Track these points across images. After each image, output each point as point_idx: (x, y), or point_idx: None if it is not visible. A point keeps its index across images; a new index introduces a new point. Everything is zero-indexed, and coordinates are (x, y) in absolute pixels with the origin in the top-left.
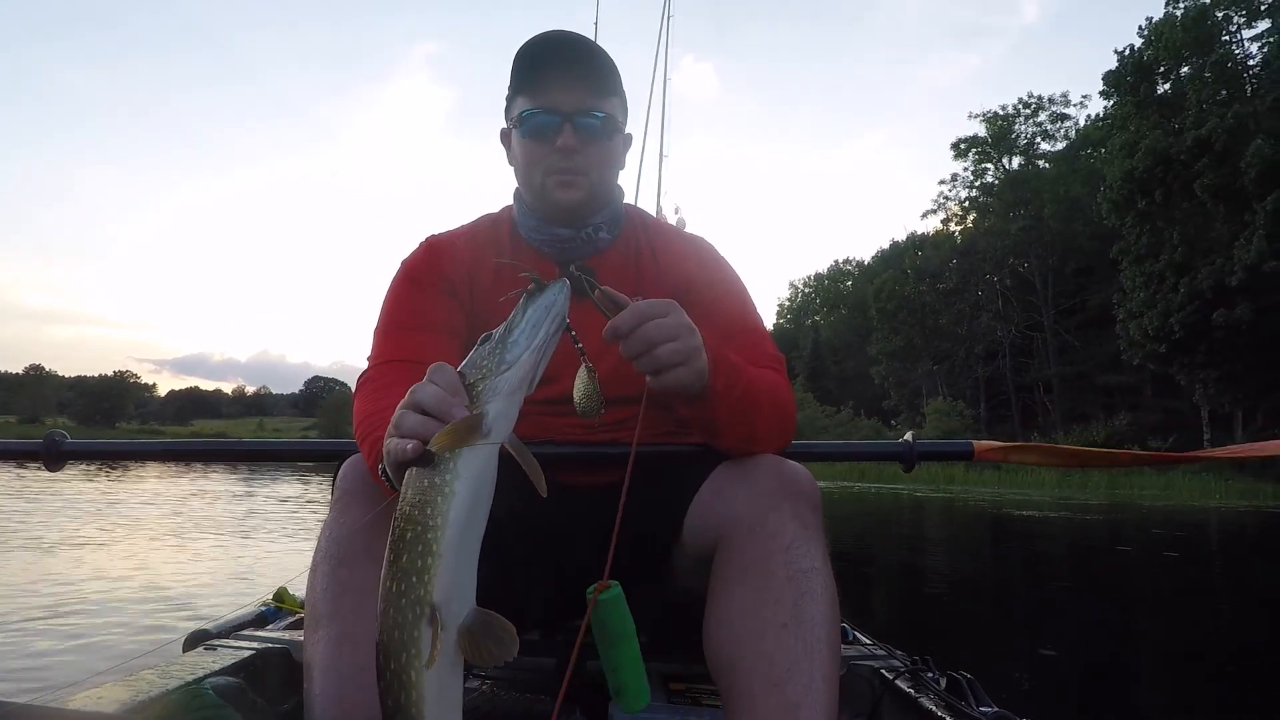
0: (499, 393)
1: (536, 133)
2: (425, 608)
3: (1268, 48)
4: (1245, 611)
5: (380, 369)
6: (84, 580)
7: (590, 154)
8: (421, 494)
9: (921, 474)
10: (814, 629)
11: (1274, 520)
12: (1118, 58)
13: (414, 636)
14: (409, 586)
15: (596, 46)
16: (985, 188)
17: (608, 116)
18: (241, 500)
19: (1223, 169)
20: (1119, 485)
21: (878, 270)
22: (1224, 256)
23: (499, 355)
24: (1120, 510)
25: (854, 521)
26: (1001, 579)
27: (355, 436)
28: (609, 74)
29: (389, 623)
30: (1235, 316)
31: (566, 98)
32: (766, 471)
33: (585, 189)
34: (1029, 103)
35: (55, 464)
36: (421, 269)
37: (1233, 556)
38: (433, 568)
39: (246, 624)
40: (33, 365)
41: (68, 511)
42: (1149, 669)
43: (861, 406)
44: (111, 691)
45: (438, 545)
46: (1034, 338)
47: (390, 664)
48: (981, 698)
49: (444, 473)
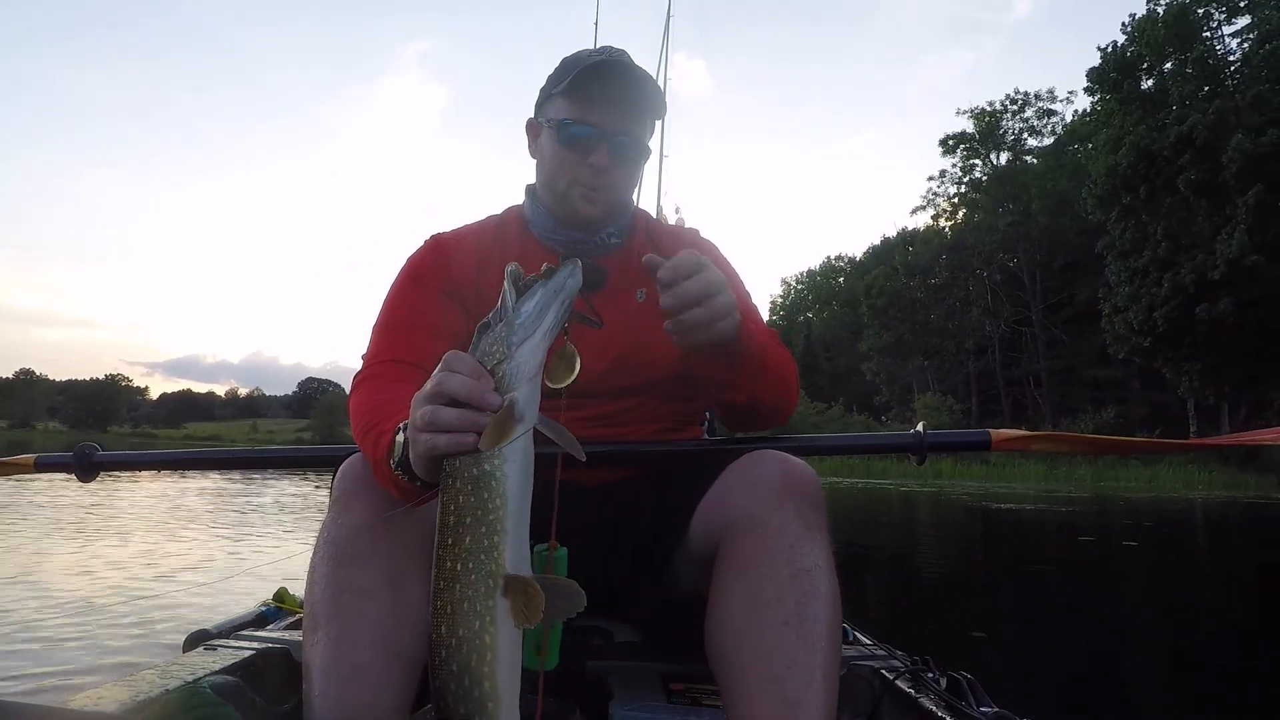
0: (522, 377)
1: (572, 143)
2: (499, 579)
3: (1248, 44)
4: (1238, 604)
5: (381, 367)
6: (84, 580)
7: (618, 174)
8: (474, 482)
9: (908, 468)
10: (815, 627)
11: (1255, 511)
12: (1101, 54)
13: (489, 606)
14: (477, 564)
15: (647, 74)
16: (974, 184)
17: (640, 141)
18: (241, 500)
19: (1205, 164)
20: (1104, 478)
21: (869, 266)
22: (1206, 251)
23: (508, 339)
24: (1106, 502)
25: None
26: (995, 575)
27: (354, 431)
28: (653, 101)
29: (456, 597)
30: (1218, 310)
31: (608, 117)
32: (771, 471)
33: (607, 205)
34: (1016, 99)
35: (88, 475)
36: (426, 268)
37: (1222, 549)
38: (500, 544)
39: (246, 624)
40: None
41: (67, 512)
42: (1148, 668)
43: (853, 402)
44: (111, 691)
45: (502, 524)
46: (1023, 332)
47: (459, 630)
48: (982, 698)
49: (493, 460)
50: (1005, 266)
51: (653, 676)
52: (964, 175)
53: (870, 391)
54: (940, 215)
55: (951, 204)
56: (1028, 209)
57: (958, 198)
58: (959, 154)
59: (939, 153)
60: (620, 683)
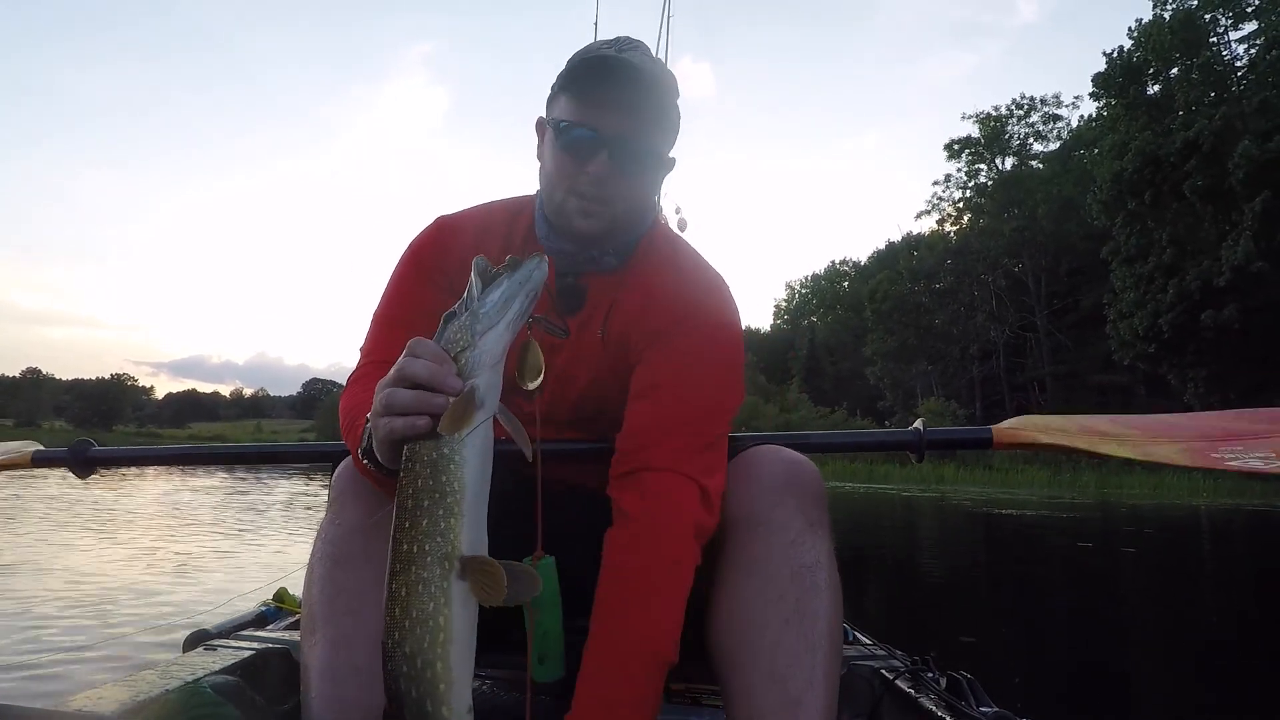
0: (484, 365)
1: (571, 147)
2: (453, 561)
3: (1254, 49)
4: (1239, 608)
5: (371, 367)
6: (83, 581)
7: (621, 185)
8: (433, 466)
9: (911, 473)
10: (816, 624)
11: (1261, 518)
12: (1107, 60)
13: (443, 588)
14: (434, 546)
15: (660, 72)
16: (979, 188)
17: (650, 149)
18: (242, 500)
19: (1211, 170)
20: (1108, 484)
21: (873, 271)
22: (1212, 257)
23: (472, 327)
24: (1110, 508)
25: (842, 521)
26: (997, 577)
27: (341, 430)
28: (665, 104)
29: (412, 579)
30: (1223, 317)
31: (611, 120)
32: (772, 467)
33: (606, 221)
34: (1021, 103)
35: (84, 471)
36: (426, 251)
37: (1225, 555)
38: (456, 527)
39: (246, 624)
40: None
41: (67, 513)
42: (1148, 668)
43: (857, 407)
44: (111, 691)
45: (459, 507)
46: (1027, 338)
47: (412, 612)
48: (981, 698)
49: (452, 444)
50: (1010, 271)
51: None
52: (969, 180)
53: (874, 396)
54: (945, 220)
55: (956, 209)
56: (1033, 214)
57: (963, 202)
58: (964, 158)
59: (944, 157)
60: None
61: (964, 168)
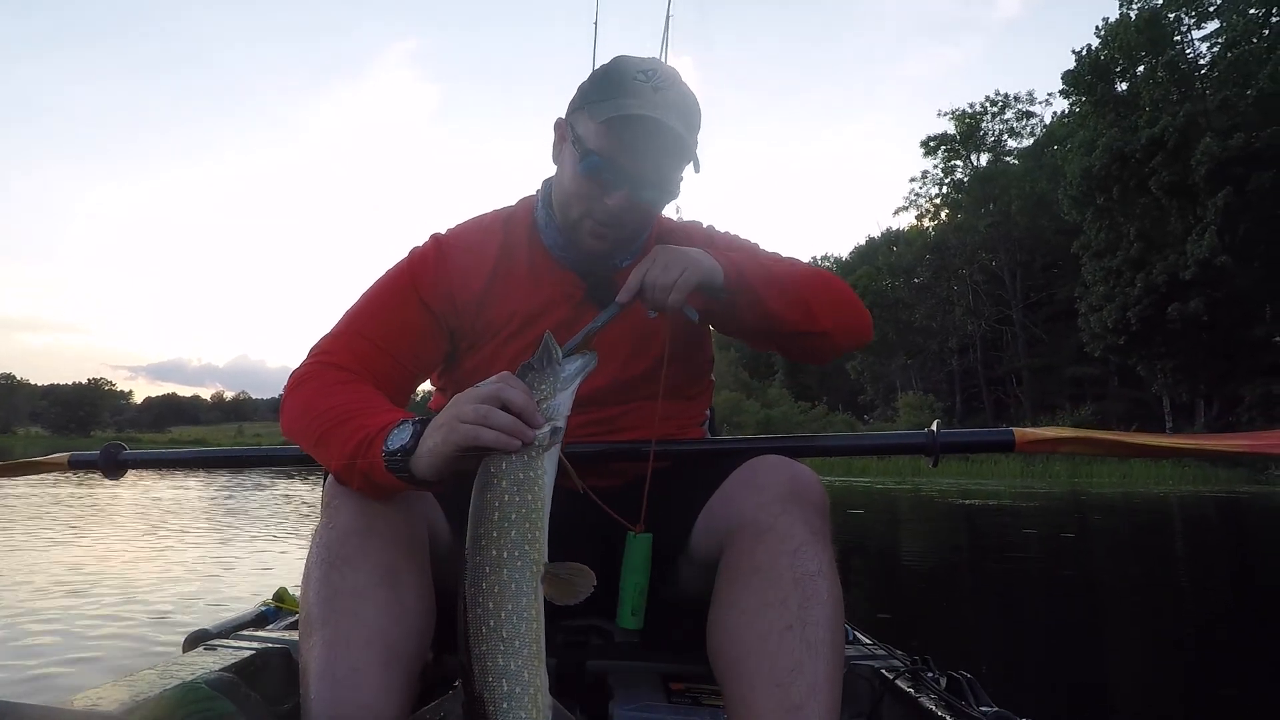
0: (560, 414)
1: (594, 176)
2: (539, 567)
3: (1216, 48)
4: (1239, 608)
5: (322, 370)
6: (83, 581)
7: (636, 219)
8: (519, 484)
9: (886, 465)
10: (818, 632)
11: (1227, 505)
12: (1076, 57)
13: (531, 588)
14: (523, 554)
15: (691, 111)
16: (955, 184)
17: (670, 186)
18: (241, 500)
19: (1175, 166)
20: (1078, 474)
21: (854, 266)
22: (1177, 251)
23: (554, 383)
24: (1084, 498)
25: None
26: (984, 573)
27: (308, 427)
28: (691, 143)
29: (504, 579)
30: (1189, 310)
31: (638, 165)
32: (777, 477)
33: (615, 243)
34: (996, 100)
35: (115, 473)
36: (423, 270)
37: (1201, 544)
38: (540, 537)
39: (246, 624)
40: (3, 374)
41: (66, 513)
42: (1148, 669)
43: (838, 401)
44: (111, 691)
45: (542, 521)
46: (1004, 331)
47: (500, 614)
48: (981, 698)
49: (538, 465)
50: (986, 266)
51: (653, 676)
52: (946, 176)
53: (855, 390)
54: (923, 216)
55: (934, 204)
56: (1008, 210)
57: (940, 198)
58: (940, 155)
59: (921, 153)
60: (620, 682)
61: (940, 164)
